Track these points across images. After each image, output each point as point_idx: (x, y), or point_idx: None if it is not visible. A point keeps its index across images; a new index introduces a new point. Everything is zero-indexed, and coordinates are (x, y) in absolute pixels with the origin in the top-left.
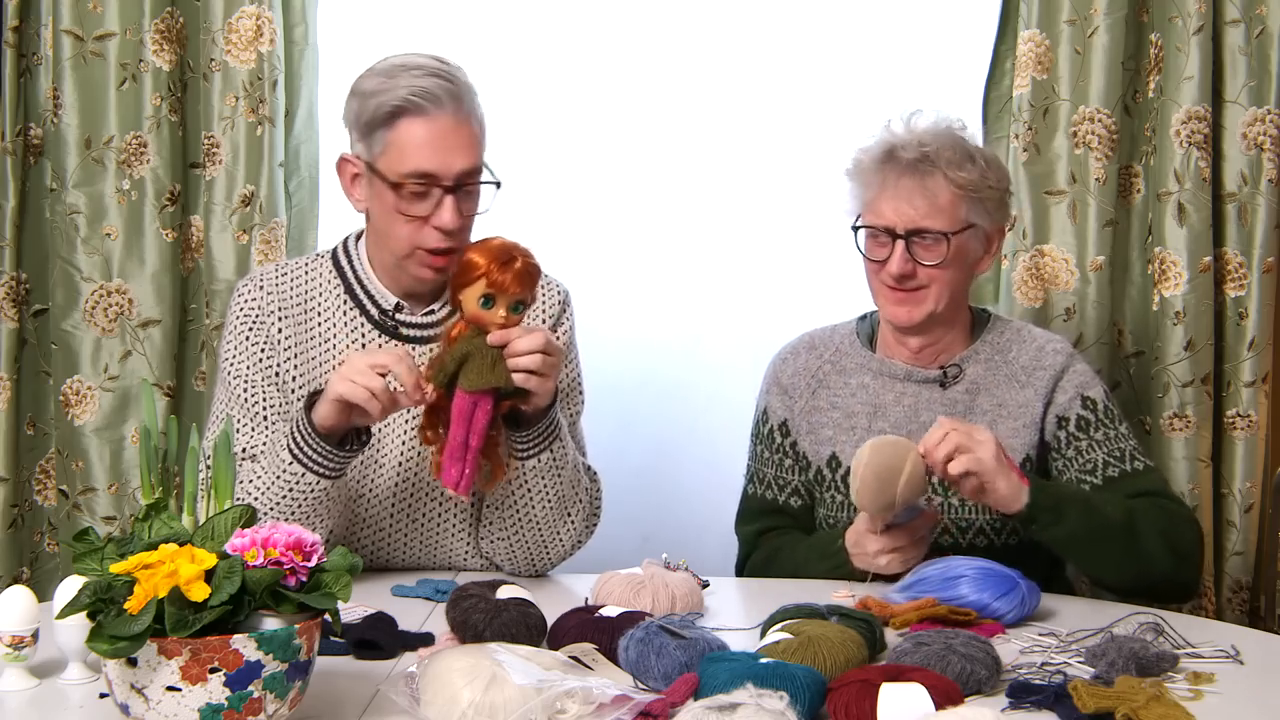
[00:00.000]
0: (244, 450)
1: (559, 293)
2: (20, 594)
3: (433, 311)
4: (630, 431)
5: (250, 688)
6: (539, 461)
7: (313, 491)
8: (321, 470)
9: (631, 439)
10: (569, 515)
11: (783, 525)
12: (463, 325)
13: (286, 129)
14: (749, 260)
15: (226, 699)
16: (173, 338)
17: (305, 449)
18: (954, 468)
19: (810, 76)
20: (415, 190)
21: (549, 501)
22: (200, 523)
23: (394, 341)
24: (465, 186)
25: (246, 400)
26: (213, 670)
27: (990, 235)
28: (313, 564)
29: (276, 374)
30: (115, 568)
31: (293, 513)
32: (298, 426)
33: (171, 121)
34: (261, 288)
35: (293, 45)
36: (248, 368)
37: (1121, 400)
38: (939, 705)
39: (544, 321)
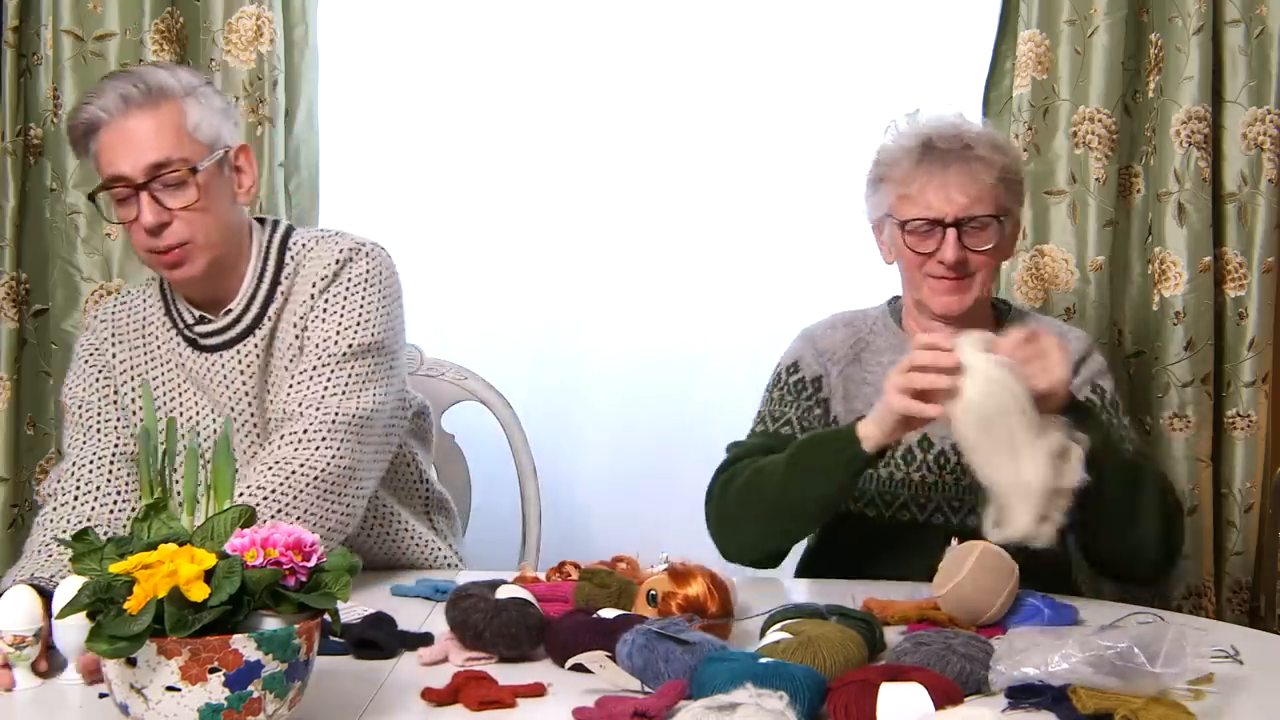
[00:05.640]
0: (76, 464)
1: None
2: (23, 594)
3: (230, 311)
4: (632, 431)
5: (250, 688)
6: None
7: None
8: None
9: (633, 438)
10: None
11: None
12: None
13: (286, 129)
14: (750, 268)
15: (226, 699)
16: None
17: None
18: (1050, 380)
19: (811, 79)
20: (117, 195)
21: None
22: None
23: (200, 354)
24: (161, 180)
25: (80, 417)
26: (212, 670)
27: (1017, 222)
28: (312, 564)
29: (115, 391)
30: (115, 568)
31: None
32: None
33: None
34: (98, 318)
35: (293, 45)
36: (83, 390)
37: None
38: (939, 705)
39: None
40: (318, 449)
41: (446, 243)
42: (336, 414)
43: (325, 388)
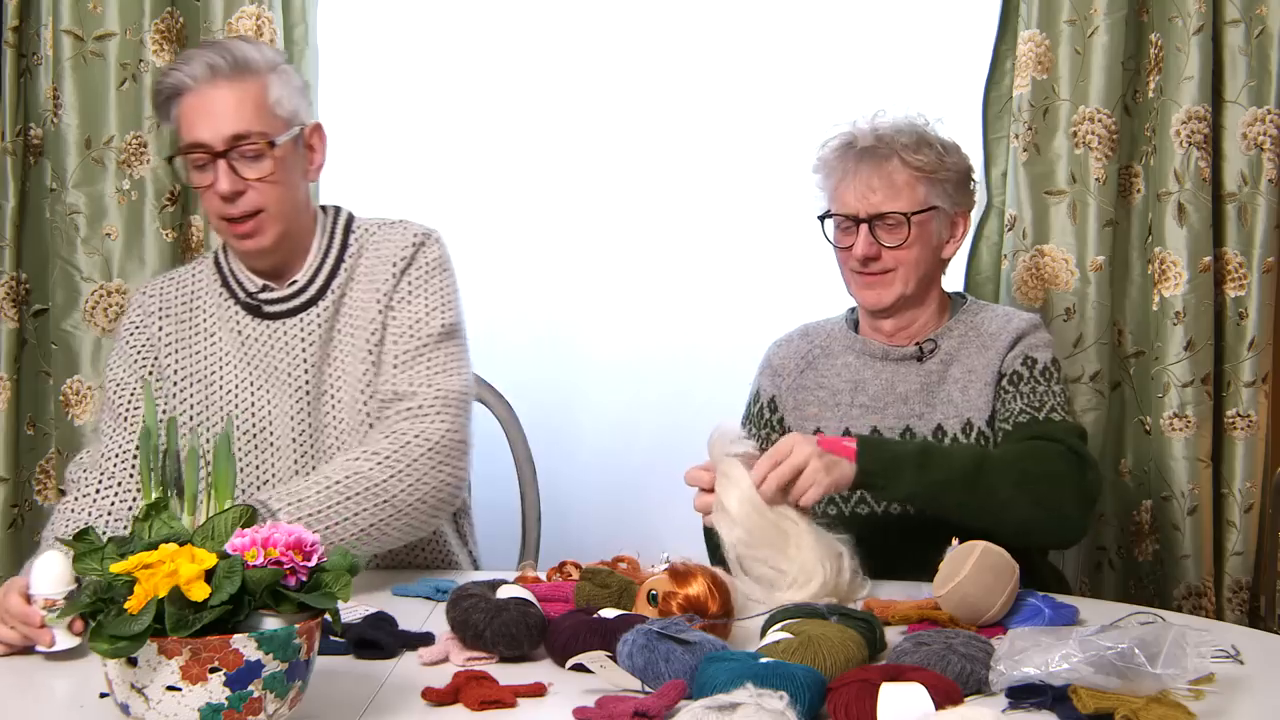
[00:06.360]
0: (104, 454)
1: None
2: (54, 558)
3: (295, 282)
4: (632, 431)
5: (250, 687)
6: None
7: None
8: None
9: (633, 438)
10: None
11: None
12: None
13: None
14: (750, 268)
15: (226, 699)
16: None
17: None
18: (808, 500)
19: (812, 80)
20: (195, 161)
21: None
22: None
23: (261, 321)
24: (239, 150)
25: (115, 400)
26: (213, 670)
27: (954, 219)
28: (313, 564)
29: (151, 373)
30: (115, 568)
31: None
32: None
33: None
34: (146, 294)
35: (293, 45)
36: (123, 371)
37: (1121, 400)
38: (939, 705)
39: None
40: (432, 421)
41: (446, 242)
42: (447, 391)
43: (429, 368)
